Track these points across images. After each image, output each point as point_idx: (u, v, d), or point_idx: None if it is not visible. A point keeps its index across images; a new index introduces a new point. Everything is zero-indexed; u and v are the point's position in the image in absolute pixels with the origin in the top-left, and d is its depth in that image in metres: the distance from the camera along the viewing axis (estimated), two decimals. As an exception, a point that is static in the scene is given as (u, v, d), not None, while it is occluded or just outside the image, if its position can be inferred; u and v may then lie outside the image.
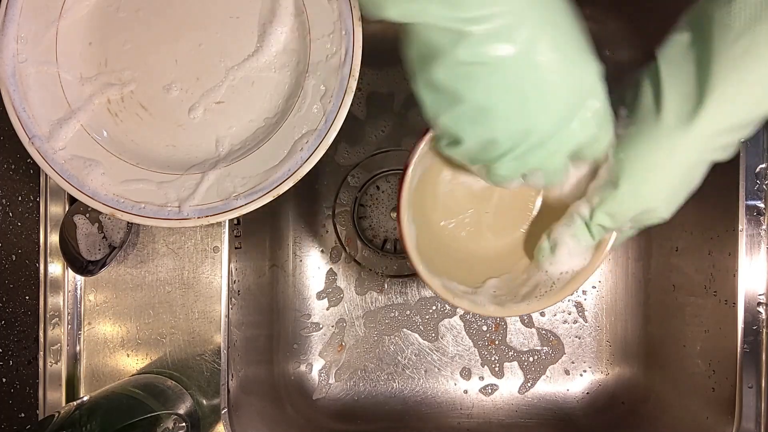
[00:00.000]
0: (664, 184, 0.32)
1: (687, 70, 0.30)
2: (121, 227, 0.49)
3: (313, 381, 0.61)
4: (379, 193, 0.61)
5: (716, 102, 0.29)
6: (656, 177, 0.32)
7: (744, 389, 0.45)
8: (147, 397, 0.44)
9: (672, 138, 0.30)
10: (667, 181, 0.32)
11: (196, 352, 0.49)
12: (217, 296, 0.49)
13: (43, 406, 0.49)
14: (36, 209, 0.50)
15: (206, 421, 0.48)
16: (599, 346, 0.60)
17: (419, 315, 0.60)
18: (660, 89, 0.31)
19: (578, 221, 0.35)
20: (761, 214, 0.46)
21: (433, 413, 0.59)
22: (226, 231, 0.46)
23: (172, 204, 0.40)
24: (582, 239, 0.35)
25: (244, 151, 0.41)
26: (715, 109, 0.29)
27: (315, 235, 0.61)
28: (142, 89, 0.42)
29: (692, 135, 0.30)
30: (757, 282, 0.45)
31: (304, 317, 0.61)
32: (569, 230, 0.35)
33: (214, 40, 0.41)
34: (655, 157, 0.31)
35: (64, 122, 0.41)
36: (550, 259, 0.37)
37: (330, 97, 0.39)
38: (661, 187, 0.32)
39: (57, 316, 0.49)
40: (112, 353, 0.50)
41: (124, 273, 0.50)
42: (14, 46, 0.41)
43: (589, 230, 0.35)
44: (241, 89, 0.41)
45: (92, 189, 0.41)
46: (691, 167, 0.31)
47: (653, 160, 0.31)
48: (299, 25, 0.40)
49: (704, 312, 0.49)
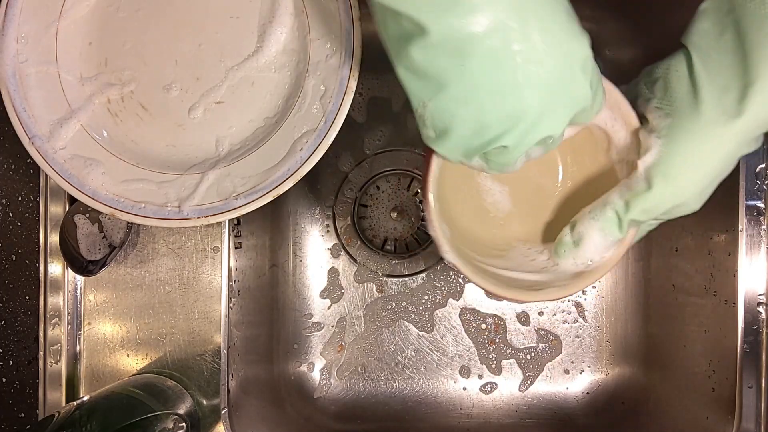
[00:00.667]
0: (703, 177, 0.31)
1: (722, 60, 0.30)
2: (121, 227, 0.49)
3: (313, 381, 0.61)
4: (379, 193, 0.61)
5: (759, 94, 0.29)
6: (696, 171, 0.31)
7: (744, 389, 0.44)
8: (147, 397, 0.44)
9: (716, 132, 0.30)
10: (706, 174, 0.31)
11: (196, 352, 0.49)
12: (217, 296, 0.49)
13: (43, 406, 0.49)
14: (36, 209, 0.50)
15: (206, 421, 0.48)
16: (599, 346, 0.60)
17: (413, 305, 0.60)
18: (696, 81, 0.30)
19: (610, 215, 0.34)
20: (761, 214, 0.46)
21: (433, 413, 0.59)
22: (226, 231, 0.46)
23: (172, 204, 0.40)
24: (610, 234, 0.34)
25: (244, 151, 0.41)
26: (759, 102, 0.29)
27: (315, 235, 0.61)
28: (142, 89, 0.42)
29: (736, 128, 0.29)
30: (757, 282, 0.45)
31: (304, 317, 0.61)
32: (597, 224, 0.34)
33: (214, 40, 0.41)
34: (697, 151, 0.31)
35: (64, 122, 0.41)
36: (573, 254, 0.36)
37: (330, 97, 0.39)
38: (699, 181, 0.31)
39: (57, 316, 0.49)
40: (112, 353, 0.50)
41: (124, 273, 0.50)
42: (15, 47, 0.41)
43: (620, 225, 0.34)
44: (241, 89, 0.41)
45: (92, 189, 0.41)
46: (730, 160, 0.31)
47: (695, 155, 0.31)
48: (299, 25, 0.40)
49: (704, 312, 0.49)
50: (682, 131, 0.31)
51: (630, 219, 0.33)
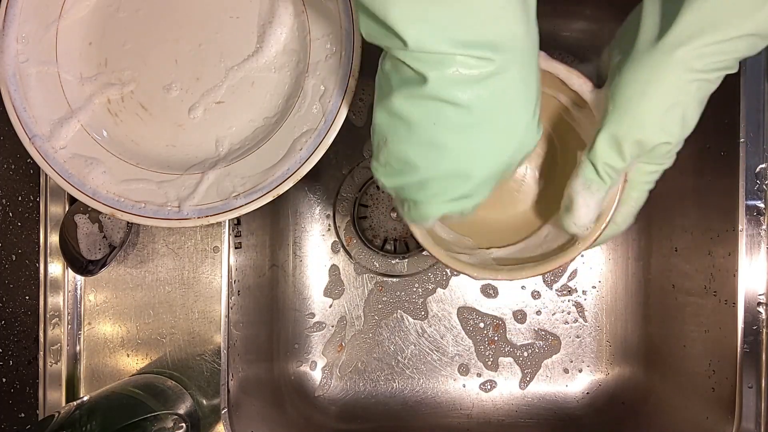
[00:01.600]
0: (654, 103, 0.31)
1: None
2: (121, 227, 0.49)
3: (313, 381, 0.61)
4: (379, 193, 0.61)
5: (690, 17, 0.29)
6: (645, 97, 0.31)
7: (744, 389, 0.45)
8: (147, 397, 0.44)
9: (650, 55, 0.31)
10: (657, 100, 0.31)
11: (196, 352, 0.49)
12: (217, 296, 0.49)
13: (43, 406, 0.49)
14: (36, 209, 0.50)
15: (206, 421, 0.48)
16: (599, 346, 0.60)
17: (413, 304, 0.60)
18: (641, 16, 0.32)
19: (585, 164, 0.34)
20: (761, 214, 0.46)
21: (433, 413, 0.59)
22: (226, 231, 0.46)
23: (171, 203, 0.40)
24: (593, 185, 0.34)
25: (244, 151, 0.41)
26: (690, 24, 0.29)
27: (315, 235, 0.61)
28: (142, 89, 0.42)
29: (667, 49, 0.30)
30: (757, 282, 0.45)
31: (304, 317, 0.61)
32: (579, 180, 0.34)
33: (214, 40, 0.41)
34: (639, 77, 0.31)
35: (64, 122, 0.41)
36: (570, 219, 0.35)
37: (330, 97, 0.39)
38: (652, 107, 0.31)
39: (57, 316, 0.49)
40: (112, 353, 0.50)
41: (124, 273, 0.50)
42: (15, 47, 0.41)
43: (597, 172, 0.34)
44: (241, 89, 0.41)
45: (92, 189, 0.41)
46: (678, 87, 0.31)
47: (638, 81, 0.31)
48: (299, 25, 0.40)
49: (704, 312, 0.49)
50: (627, 62, 0.32)
51: (601, 161, 0.33)
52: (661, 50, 0.30)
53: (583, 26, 0.58)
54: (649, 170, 0.34)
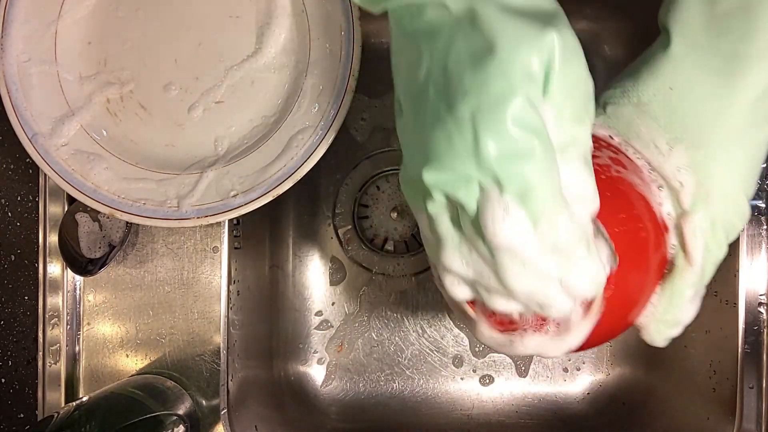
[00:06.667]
0: (735, 161, 0.30)
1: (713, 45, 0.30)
2: (120, 226, 0.49)
3: (313, 381, 0.61)
4: (379, 193, 0.61)
5: (757, 61, 0.28)
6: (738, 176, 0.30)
7: (745, 390, 0.44)
8: (146, 397, 0.44)
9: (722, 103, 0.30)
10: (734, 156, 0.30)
11: (196, 352, 0.49)
12: (217, 296, 0.49)
13: (43, 406, 0.49)
14: (35, 209, 0.50)
15: (206, 421, 0.48)
16: (599, 346, 0.60)
17: (414, 304, 0.60)
18: (690, 81, 0.31)
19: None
20: (761, 214, 0.46)
21: (433, 413, 0.59)
22: (225, 231, 0.46)
23: (171, 202, 0.40)
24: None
25: (243, 151, 0.41)
26: (757, 71, 0.28)
27: (315, 235, 0.61)
28: (142, 89, 0.42)
29: (737, 97, 0.29)
30: (758, 282, 0.45)
31: (303, 317, 0.61)
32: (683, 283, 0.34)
33: (213, 39, 0.41)
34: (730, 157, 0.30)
35: (65, 119, 0.41)
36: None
37: (329, 97, 0.39)
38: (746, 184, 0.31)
39: (56, 317, 0.49)
40: (112, 353, 0.50)
41: (124, 273, 0.50)
42: (17, 46, 0.41)
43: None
44: (241, 89, 0.41)
45: (91, 188, 0.41)
46: (750, 138, 0.30)
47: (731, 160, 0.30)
48: (299, 25, 0.40)
49: (705, 312, 0.49)
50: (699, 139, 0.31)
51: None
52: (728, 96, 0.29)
53: (583, 26, 0.58)
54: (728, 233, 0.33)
